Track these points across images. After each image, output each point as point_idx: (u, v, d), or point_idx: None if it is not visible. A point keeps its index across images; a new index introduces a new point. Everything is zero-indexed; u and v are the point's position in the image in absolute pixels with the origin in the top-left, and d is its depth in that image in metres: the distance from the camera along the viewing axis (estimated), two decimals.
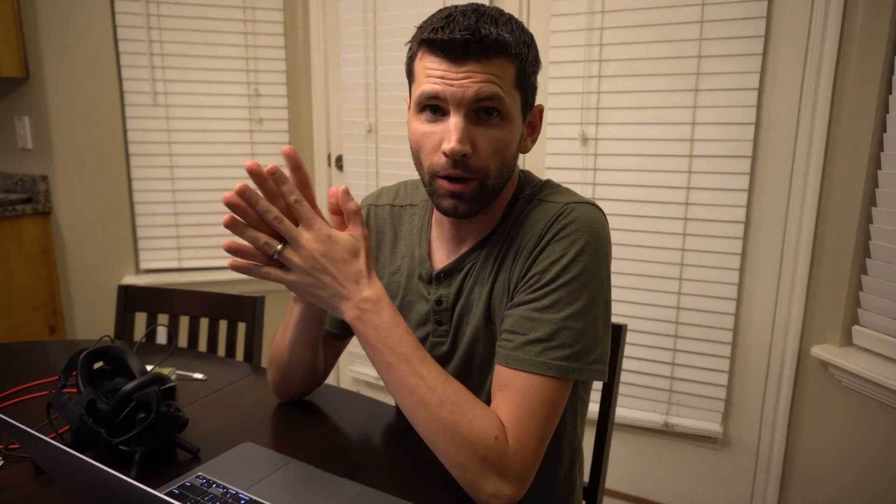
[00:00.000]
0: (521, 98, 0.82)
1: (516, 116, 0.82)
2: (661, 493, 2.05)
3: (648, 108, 1.86)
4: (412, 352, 0.76)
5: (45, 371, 1.12)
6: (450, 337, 0.92)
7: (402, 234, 0.99)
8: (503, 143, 0.80)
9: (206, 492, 0.73)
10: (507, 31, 0.78)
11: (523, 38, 0.80)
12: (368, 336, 0.76)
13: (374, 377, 2.48)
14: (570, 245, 0.79)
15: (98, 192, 2.37)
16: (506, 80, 0.78)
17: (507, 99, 0.79)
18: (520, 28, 0.81)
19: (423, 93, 0.79)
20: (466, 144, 0.78)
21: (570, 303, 0.78)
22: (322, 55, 2.46)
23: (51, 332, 2.38)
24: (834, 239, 1.68)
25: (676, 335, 1.91)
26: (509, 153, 0.82)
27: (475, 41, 0.75)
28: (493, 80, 0.77)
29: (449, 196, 0.82)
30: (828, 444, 1.72)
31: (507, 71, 0.78)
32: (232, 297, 1.40)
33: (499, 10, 0.81)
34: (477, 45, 0.76)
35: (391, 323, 0.76)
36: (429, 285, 0.93)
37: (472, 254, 0.89)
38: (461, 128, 0.77)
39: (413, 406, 0.75)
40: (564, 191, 0.89)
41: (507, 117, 0.80)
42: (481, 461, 0.72)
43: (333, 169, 2.53)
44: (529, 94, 0.84)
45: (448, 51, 0.77)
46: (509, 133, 0.81)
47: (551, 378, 0.76)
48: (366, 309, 0.76)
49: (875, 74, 1.55)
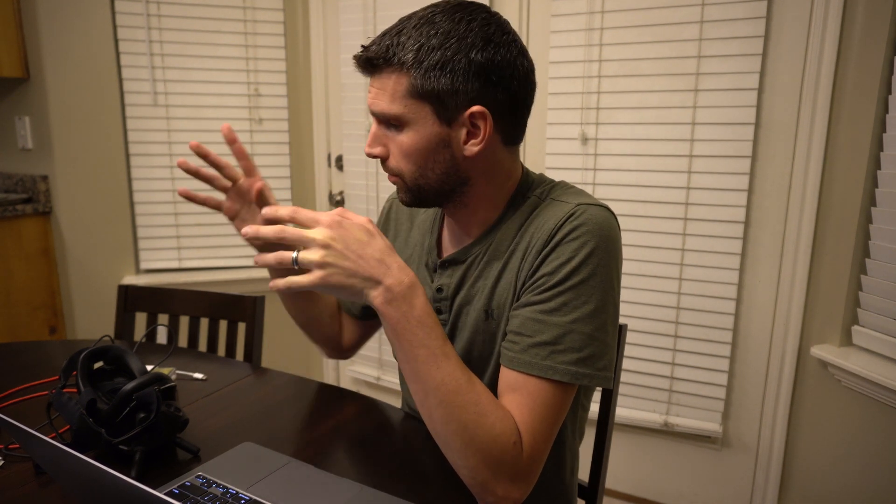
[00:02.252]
0: (430, 105, 0.79)
1: (420, 123, 0.80)
2: (661, 493, 2.05)
3: (648, 108, 1.86)
4: (440, 346, 0.74)
5: (45, 371, 1.12)
6: (447, 327, 0.92)
7: (416, 224, 1.02)
8: (406, 148, 0.82)
9: (206, 492, 0.73)
10: (401, 41, 0.79)
11: (423, 44, 0.77)
12: (397, 324, 0.73)
13: (375, 377, 2.48)
14: (581, 247, 0.78)
15: (98, 192, 2.37)
16: (395, 91, 0.80)
17: (396, 110, 0.80)
18: (429, 33, 0.78)
19: None
20: (375, 147, 0.85)
21: (578, 306, 0.77)
22: (322, 55, 2.46)
23: (51, 332, 2.38)
24: (834, 239, 1.68)
25: (676, 335, 1.91)
26: (422, 157, 0.82)
27: (364, 59, 0.82)
28: (380, 94, 0.81)
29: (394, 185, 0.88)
30: (827, 444, 1.72)
31: (397, 82, 0.79)
32: (232, 297, 1.40)
33: (428, 13, 0.80)
34: (365, 62, 0.82)
35: (423, 312, 0.74)
36: (433, 273, 0.94)
37: (475, 246, 0.89)
38: (371, 134, 0.85)
39: (434, 402, 0.74)
40: (577, 192, 0.88)
41: (406, 124, 0.81)
42: (497, 465, 0.72)
43: (333, 169, 2.53)
44: (446, 99, 0.79)
45: (359, 66, 0.84)
46: (411, 139, 0.81)
47: (559, 383, 0.76)
48: (399, 293, 0.73)
49: (875, 74, 1.55)
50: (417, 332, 0.73)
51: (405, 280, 0.74)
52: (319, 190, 2.58)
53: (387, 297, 0.73)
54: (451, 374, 0.73)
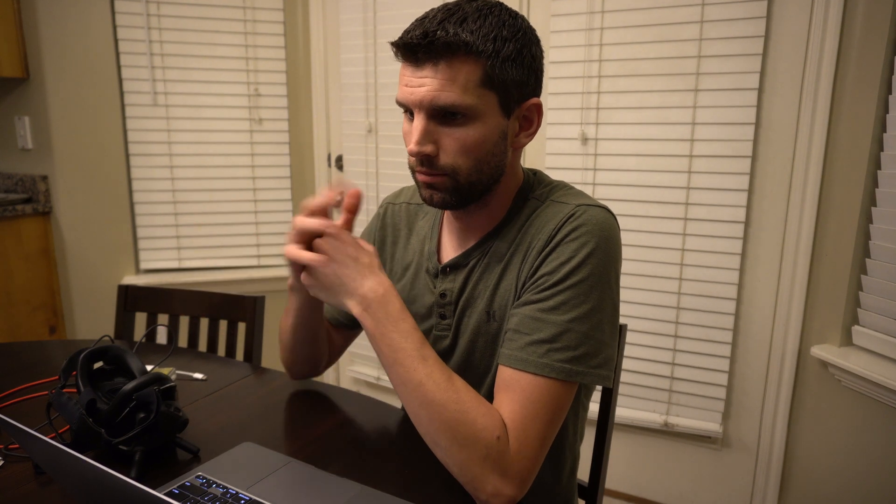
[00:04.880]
0: (496, 95, 0.80)
1: (489, 115, 0.80)
2: (661, 493, 2.05)
3: (648, 108, 1.86)
4: (417, 347, 0.76)
5: (45, 371, 1.12)
6: (452, 331, 0.92)
7: (415, 230, 1.01)
8: (469, 142, 0.80)
9: (206, 492, 0.73)
10: (472, 28, 0.76)
11: (496, 33, 0.77)
12: (373, 330, 0.78)
13: (375, 377, 2.48)
14: (581, 247, 0.79)
15: (98, 192, 2.37)
16: (467, 81, 0.77)
17: (466, 101, 0.77)
18: (497, 22, 0.78)
19: (396, 98, 0.83)
20: (427, 145, 0.80)
21: (576, 305, 0.78)
22: (322, 55, 2.46)
23: (51, 332, 2.38)
24: (834, 239, 1.68)
25: (676, 335, 1.91)
26: (482, 150, 0.81)
27: (425, 45, 0.76)
28: (446, 85, 0.77)
29: (425, 186, 0.84)
30: (828, 444, 1.72)
31: (469, 71, 0.77)
32: (232, 297, 1.40)
33: (481, 5, 0.79)
34: (427, 49, 0.76)
35: (397, 317, 0.77)
36: (435, 279, 0.93)
37: (477, 249, 0.90)
38: (420, 130, 0.79)
39: (416, 403, 0.76)
40: (577, 193, 0.88)
41: (473, 117, 0.79)
42: (482, 460, 0.72)
43: (333, 169, 2.53)
44: (512, 90, 0.81)
45: (406, 55, 0.79)
46: (477, 132, 0.80)
47: (554, 380, 0.76)
48: (372, 301, 0.77)
49: (875, 74, 1.55)
50: (394, 337, 0.77)
51: (377, 288, 0.77)
52: (319, 190, 2.58)
53: (362, 307, 0.77)
54: (429, 375, 0.75)
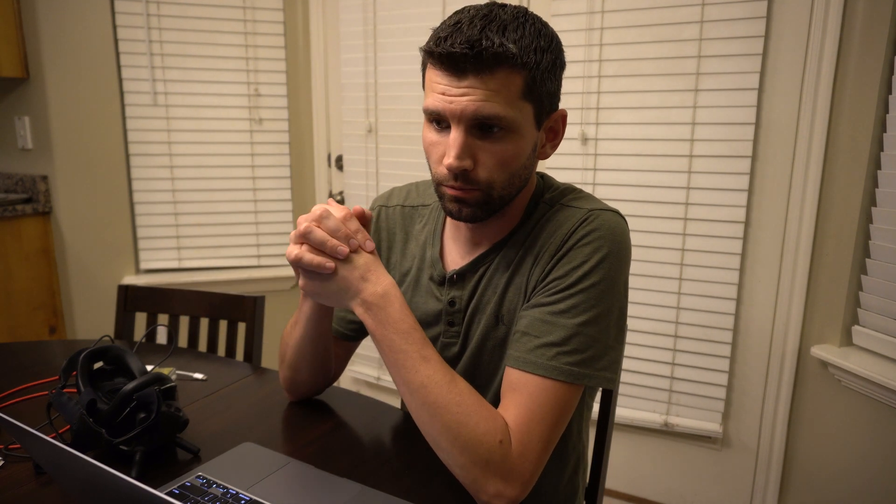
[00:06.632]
0: (533, 107, 0.78)
1: (526, 127, 0.79)
2: (661, 493, 2.05)
3: (648, 108, 1.86)
4: (419, 349, 0.76)
5: (45, 371, 1.12)
6: (461, 338, 0.91)
7: (412, 235, 0.99)
8: (507, 156, 0.78)
9: (206, 492, 0.73)
10: (514, 38, 0.74)
11: (536, 44, 0.75)
12: (375, 331, 0.77)
13: (375, 377, 2.48)
14: (594, 252, 0.79)
15: (98, 192, 2.37)
16: (510, 93, 0.75)
17: (510, 113, 0.75)
18: (534, 32, 0.76)
19: (426, 108, 0.79)
20: (466, 160, 0.77)
21: (586, 309, 0.78)
22: (322, 55, 2.46)
23: (51, 332, 2.38)
24: (834, 239, 1.68)
25: (676, 335, 1.91)
26: (517, 164, 0.80)
27: (473, 55, 0.72)
28: (492, 96, 0.74)
29: (453, 200, 0.81)
30: (828, 444, 1.72)
31: (512, 83, 0.75)
32: (232, 297, 1.40)
33: (514, 11, 0.77)
34: (475, 60, 0.73)
35: (398, 318, 0.76)
36: (440, 287, 0.92)
37: (487, 256, 0.89)
38: (459, 143, 0.76)
39: (418, 404, 0.75)
40: (588, 196, 0.88)
41: (512, 130, 0.77)
42: (484, 464, 0.72)
43: (333, 169, 2.53)
44: (545, 101, 0.80)
45: (447, 64, 0.75)
46: (515, 145, 0.78)
47: (562, 382, 0.76)
48: (373, 303, 0.77)
49: (875, 74, 1.55)
50: (394, 338, 0.76)
51: (378, 290, 0.77)
52: (319, 190, 2.58)
53: (364, 308, 0.77)
54: (430, 377, 0.75)
